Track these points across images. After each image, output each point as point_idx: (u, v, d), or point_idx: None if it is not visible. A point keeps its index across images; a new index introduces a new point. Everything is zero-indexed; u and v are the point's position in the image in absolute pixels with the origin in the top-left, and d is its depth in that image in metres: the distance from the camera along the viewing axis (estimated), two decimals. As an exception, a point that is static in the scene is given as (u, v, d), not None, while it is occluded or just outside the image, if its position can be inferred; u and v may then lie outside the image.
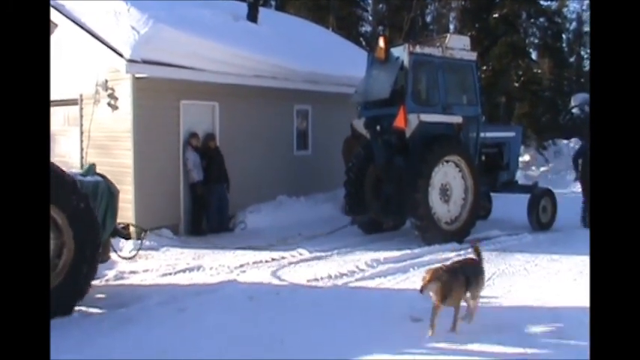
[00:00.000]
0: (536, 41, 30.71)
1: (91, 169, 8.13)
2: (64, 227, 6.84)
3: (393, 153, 11.84)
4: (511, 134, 13.85)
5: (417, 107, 11.32)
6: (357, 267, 9.31)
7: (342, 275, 8.94)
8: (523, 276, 8.96)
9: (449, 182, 11.51)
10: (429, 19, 40.29)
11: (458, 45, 12.23)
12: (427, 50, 11.72)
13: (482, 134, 12.50)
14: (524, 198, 12.88)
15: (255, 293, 7.89)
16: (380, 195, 12.18)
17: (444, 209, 11.45)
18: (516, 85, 28.05)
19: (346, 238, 11.75)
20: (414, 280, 8.66)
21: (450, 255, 10.16)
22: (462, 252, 10.38)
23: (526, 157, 26.24)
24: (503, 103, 21.90)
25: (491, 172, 13.16)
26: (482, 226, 12.52)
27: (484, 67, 27.57)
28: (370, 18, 35.44)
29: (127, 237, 9.02)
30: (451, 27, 37.47)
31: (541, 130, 27.67)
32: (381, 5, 36.99)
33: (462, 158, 11.58)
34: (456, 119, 11.73)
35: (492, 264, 9.60)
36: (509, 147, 13.60)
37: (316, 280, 8.71)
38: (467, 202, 11.70)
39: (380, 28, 35.96)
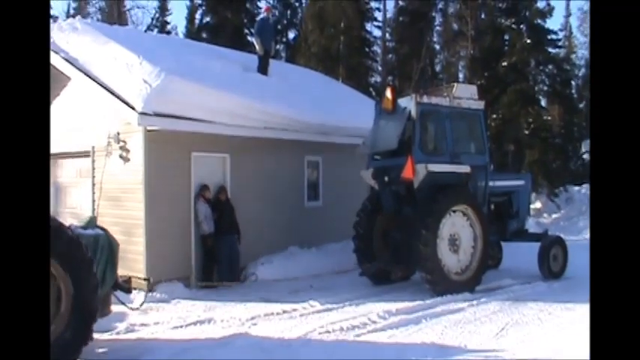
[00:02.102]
0: (546, 88, 30.79)
1: (91, 222, 8.09)
2: (60, 278, 6.52)
3: (402, 203, 11.82)
4: (520, 182, 13.78)
5: (425, 157, 11.33)
6: (369, 319, 9.21)
7: (353, 327, 8.84)
8: (537, 325, 8.86)
9: (457, 232, 11.43)
10: (438, 68, 40.61)
11: (465, 94, 12.28)
12: (434, 100, 11.76)
13: (490, 183, 12.47)
14: (537, 246, 12.78)
15: (266, 346, 7.85)
16: (388, 245, 12.11)
17: (454, 260, 11.36)
18: (526, 132, 28.09)
19: (358, 289, 11.70)
20: (427, 331, 8.60)
21: (462, 305, 10.08)
22: (474, 302, 10.33)
23: (537, 205, 26.19)
24: (512, 150, 21.85)
25: (500, 221, 13.10)
26: (494, 275, 12.43)
27: (494, 116, 27.70)
28: (380, 68, 35.75)
29: (129, 291, 8.75)
30: (460, 76, 37.80)
31: (552, 176, 27.61)
32: (390, 55, 37.37)
33: (469, 207, 11.52)
34: (464, 169, 11.70)
35: (505, 314, 9.53)
36: (519, 195, 13.53)
37: (328, 332, 8.62)
38: (476, 251, 11.59)
39: (389, 78, 36.26)
